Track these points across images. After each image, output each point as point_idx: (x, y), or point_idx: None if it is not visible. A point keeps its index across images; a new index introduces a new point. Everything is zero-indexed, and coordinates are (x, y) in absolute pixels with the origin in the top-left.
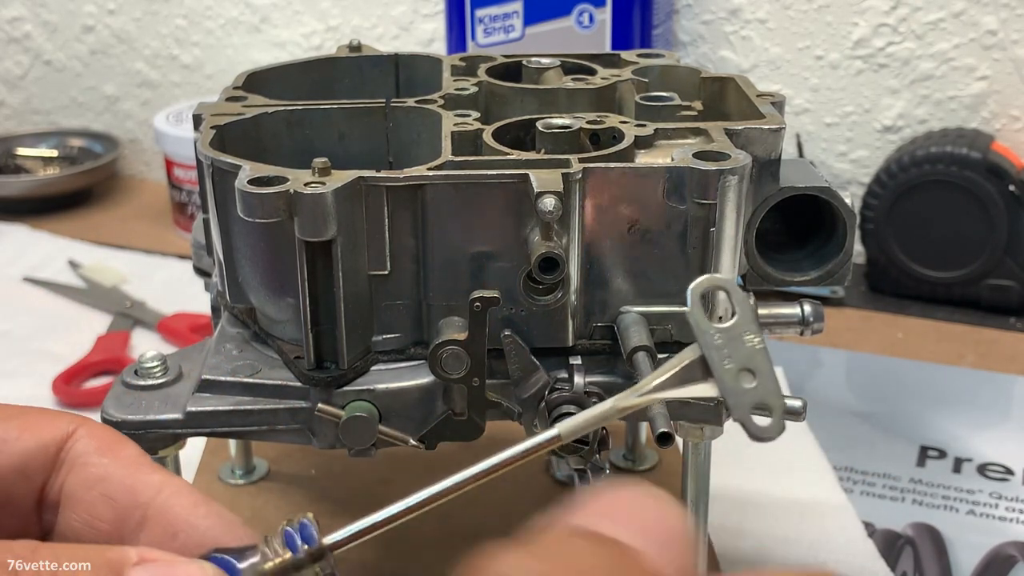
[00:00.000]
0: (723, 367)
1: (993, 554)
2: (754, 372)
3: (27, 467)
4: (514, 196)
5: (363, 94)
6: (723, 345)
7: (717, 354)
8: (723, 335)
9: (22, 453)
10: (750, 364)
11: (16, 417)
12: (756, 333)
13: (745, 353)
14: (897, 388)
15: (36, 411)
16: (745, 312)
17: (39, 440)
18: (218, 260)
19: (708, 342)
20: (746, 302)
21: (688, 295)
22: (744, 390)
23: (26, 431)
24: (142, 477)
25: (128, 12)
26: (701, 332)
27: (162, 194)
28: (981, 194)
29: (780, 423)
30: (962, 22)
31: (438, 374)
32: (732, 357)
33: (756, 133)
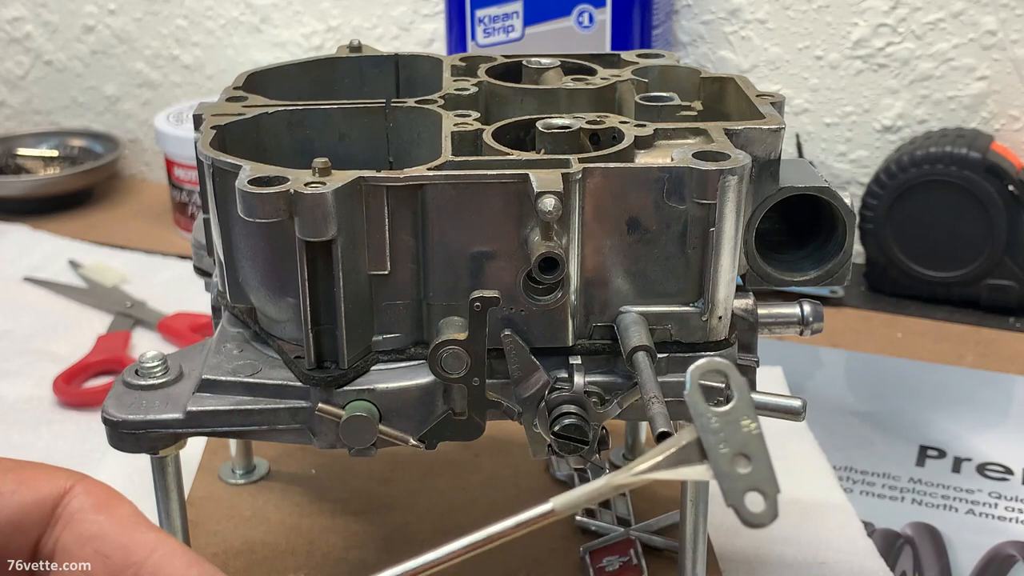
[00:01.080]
0: (718, 451)
1: (992, 554)
2: (749, 457)
3: (23, 521)
4: (514, 196)
5: (363, 94)
6: (719, 429)
7: (713, 438)
8: (720, 419)
9: (18, 507)
10: (746, 449)
11: (13, 471)
12: (753, 419)
13: (741, 438)
14: (897, 388)
15: (33, 466)
16: (743, 397)
17: (36, 495)
18: (218, 260)
19: (705, 425)
20: (744, 387)
21: (687, 378)
22: (738, 475)
23: (23, 485)
24: (137, 536)
25: (129, 12)
26: (698, 415)
27: (162, 194)
28: (980, 194)
29: (774, 509)
30: (962, 22)
31: (438, 374)
32: (728, 441)
33: (756, 133)
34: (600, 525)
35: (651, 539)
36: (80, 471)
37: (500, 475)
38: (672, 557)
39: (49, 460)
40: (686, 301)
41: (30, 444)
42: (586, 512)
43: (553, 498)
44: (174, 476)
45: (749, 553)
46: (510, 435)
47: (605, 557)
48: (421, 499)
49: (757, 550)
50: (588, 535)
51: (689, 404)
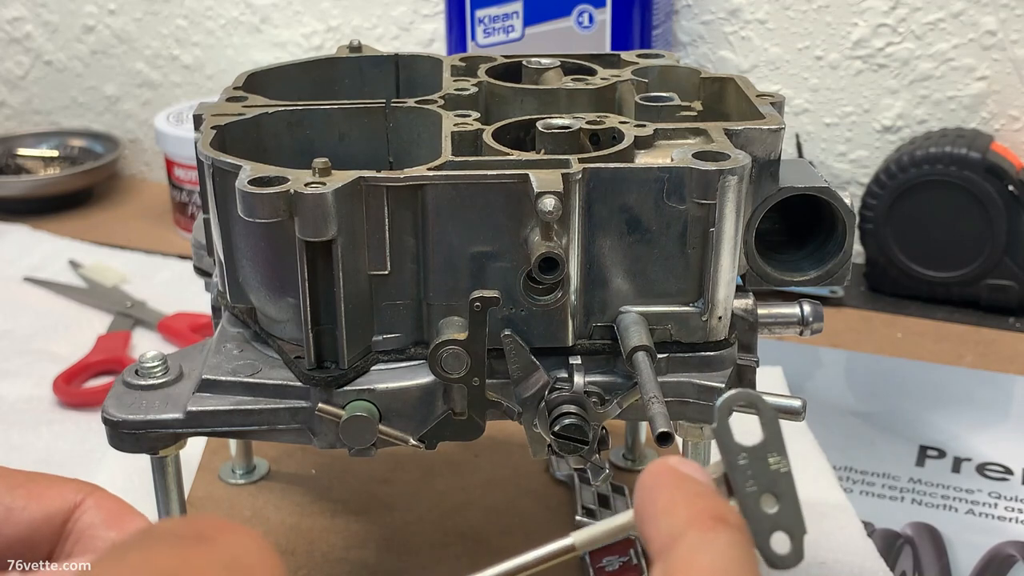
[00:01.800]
0: (745, 489)
1: (992, 553)
2: (777, 496)
3: (33, 537)
4: (514, 196)
5: (363, 94)
6: (747, 466)
7: (740, 475)
8: (748, 455)
9: (29, 523)
10: (774, 488)
11: (23, 485)
12: (782, 455)
13: (769, 476)
14: (896, 388)
15: (44, 478)
16: (772, 432)
17: (46, 510)
18: (219, 260)
19: (732, 461)
20: (774, 422)
21: (715, 410)
22: (765, 515)
23: (33, 500)
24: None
25: (129, 12)
26: (726, 451)
27: (163, 194)
28: (980, 194)
29: (799, 551)
30: (961, 22)
31: (438, 374)
32: (755, 479)
33: (756, 133)
34: None
35: None
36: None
37: (500, 475)
38: None
39: (49, 460)
40: (686, 301)
41: (30, 444)
42: (586, 512)
43: (574, 534)
44: (174, 476)
45: None
46: (510, 435)
47: (605, 557)
48: (421, 499)
49: None
50: None
51: (717, 439)
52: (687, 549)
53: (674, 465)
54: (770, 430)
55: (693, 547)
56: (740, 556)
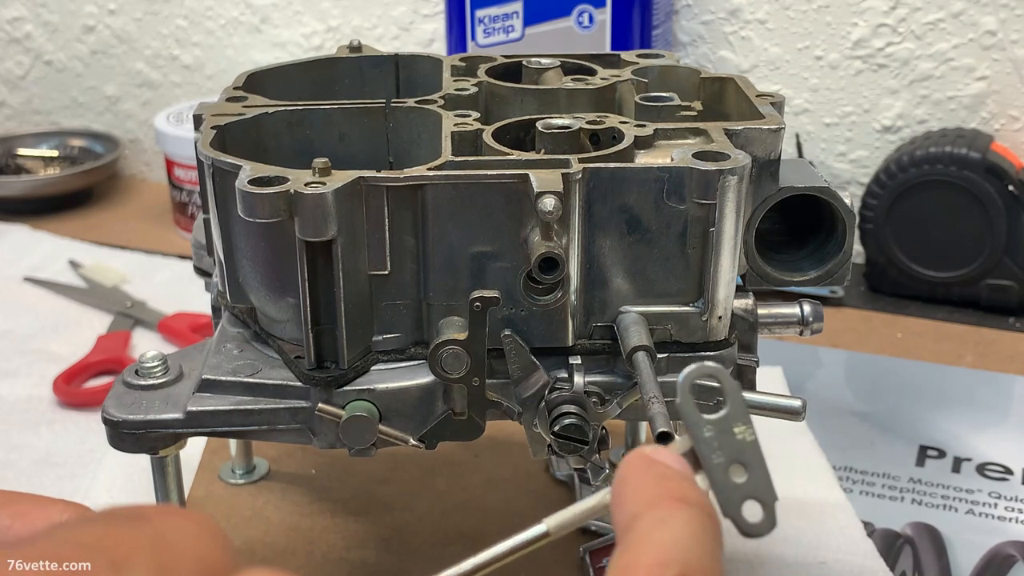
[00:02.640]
0: (713, 461)
1: (992, 554)
2: (745, 465)
3: None
4: (514, 196)
5: (363, 94)
6: (713, 438)
7: (707, 447)
8: (713, 428)
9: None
10: (741, 457)
11: (7, 504)
12: (747, 424)
13: (736, 446)
14: (897, 388)
15: (28, 498)
16: (736, 403)
17: (31, 529)
18: (219, 260)
19: (698, 434)
20: (737, 392)
21: (678, 386)
22: (734, 484)
23: (18, 519)
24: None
25: (129, 12)
26: (691, 424)
27: (163, 194)
28: (980, 194)
29: (772, 518)
30: (961, 22)
31: (438, 374)
32: (722, 450)
33: (756, 133)
34: (600, 525)
35: None
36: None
37: (500, 475)
38: None
39: (49, 460)
40: (686, 301)
41: (30, 444)
42: None
43: (546, 519)
44: (174, 476)
45: (749, 553)
46: (510, 435)
47: (605, 557)
48: (421, 499)
49: (757, 550)
50: (588, 535)
51: (681, 413)
52: (644, 528)
53: (647, 452)
54: (734, 401)
55: (650, 526)
56: (697, 533)
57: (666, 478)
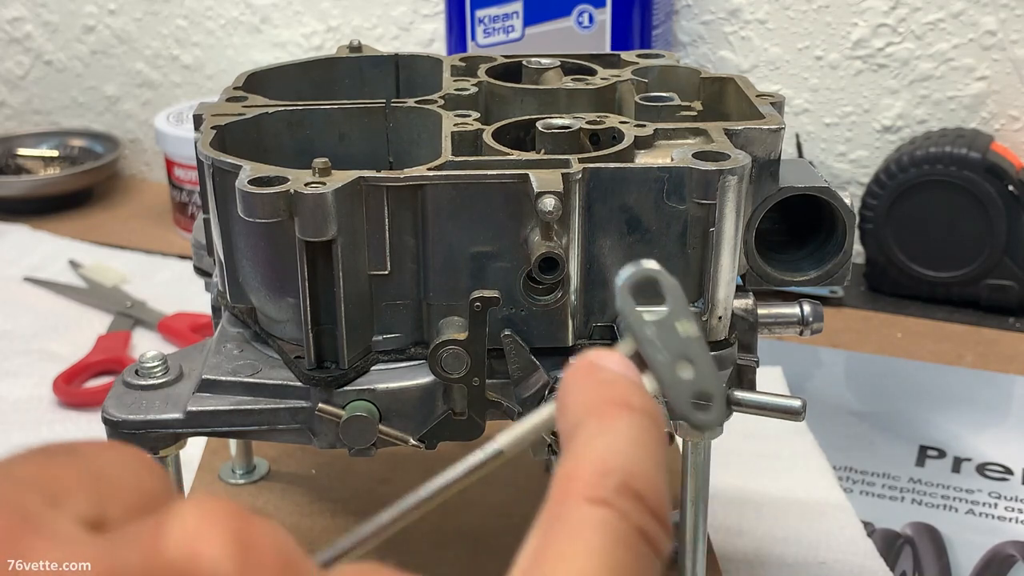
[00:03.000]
0: (658, 360)
1: (992, 553)
2: (691, 360)
3: None
4: (514, 196)
5: (363, 94)
6: (656, 337)
7: (651, 347)
8: (655, 326)
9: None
10: (686, 353)
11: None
12: (689, 319)
13: (680, 342)
14: (897, 388)
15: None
16: (676, 300)
17: None
18: (218, 260)
19: (640, 335)
20: (677, 289)
21: (616, 289)
22: (682, 381)
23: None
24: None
25: (129, 12)
26: (632, 326)
27: (163, 194)
28: (980, 194)
29: (721, 410)
30: (961, 22)
31: (438, 374)
32: (666, 347)
33: (756, 133)
34: None
35: None
36: None
37: (500, 475)
38: (672, 557)
39: None
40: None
41: (30, 444)
42: None
43: (499, 436)
44: (174, 476)
45: (749, 553)
46: None
47: None
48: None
49: (757, 550)
50: None
51: (621, 315)
52: (585, 436)
53: (590, 357)
54: (674, 298)
55: (591, 433)
56: (639, 439)
57: (609, 383)
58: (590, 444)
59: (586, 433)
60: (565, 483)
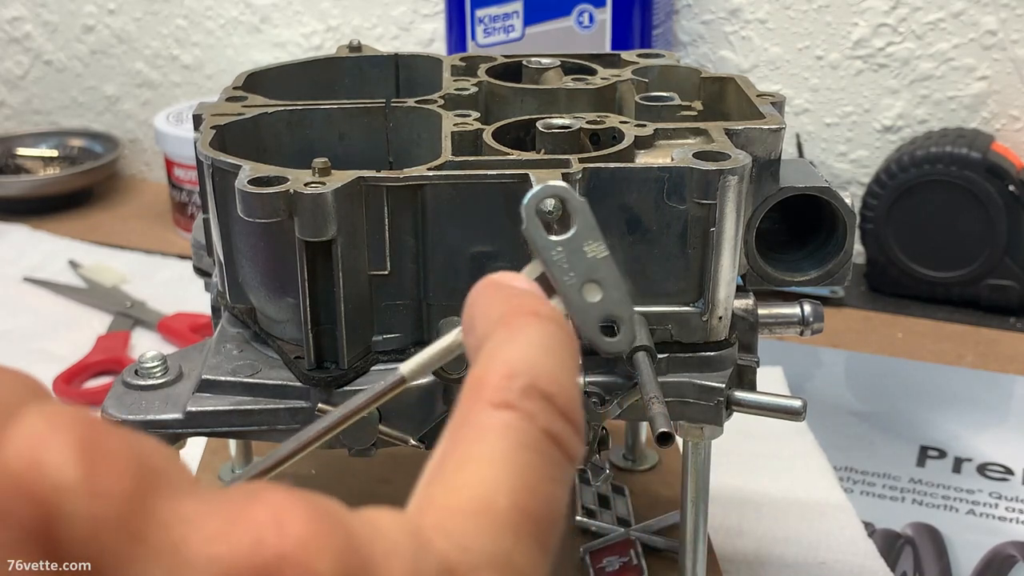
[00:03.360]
0: (565, 282)
1: (993, 554)
2: (599, 283)
3: None
4: (514, 196)
5: (363, 94)
6: (563, 259)
7: (558, 269)
8: (563, 248)
9: None
10: (594, 275)
11: None
12: (597, 240)
13: (587, 264)
14: (897, 388)
15: None
16: (584, 220)
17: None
18: (218, 260)
19: (548, 257)
20: (585, 209)
21: (522, 208)
22: (589, 304)
23: None
24: None
25: (128, 12)
26: (539, 247)
27: (162, 194)
28: (981, 194)
29: (629, 334)
30: (962, 22)
31: (438, 374)
32: (574, 270)
33: (756, 133)
34: (600, 525)
35: (651, 539)
36: None
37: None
38: (672, 557)
39: None
40: (686, 301)
41: None
42: (586, 512)
43: (401, 365)
44: None
45: (749, 553)
46: None
47: (605, 557)
48: None
49: (757, 550)
50: (588, 535)
51: (527, 237)
52: (491, 345)
53: (494, 277)
54: (583, 219)
55: (497, 343)
56: (547, 343)
57: (515, 296)
58: (497, 351)
59: (493, 342)
60: (472, 390)
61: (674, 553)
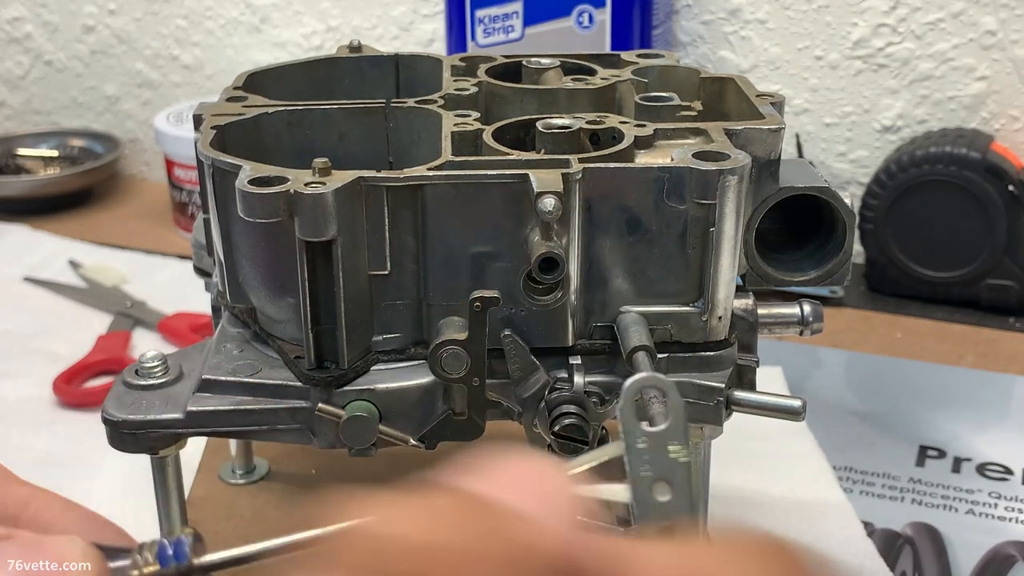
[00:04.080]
0: (639, 473)
1: (992, 554)
2: (671, 485)
3: None
4: (514, 196)
5: (363, 94)
6: (646, 450)
7: (637, 458)
8: (649, 440)
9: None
10: (669, 476)
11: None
12: (683, 444)
13: (666, 464)
14: (897, 388)
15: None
16: (677, 420)
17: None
18: (218, 260)
19: (631, 443)
20: (681, 410)
21: (623, 390)
22: (655, 502)
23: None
24: (11, 491)
25: (128, 12)
26: (627, 432)
27: (162, 194)
28: (980, 194)
29: None
30: (961, 22)
31: (438, 374)
32: (652, 464)
33: (756, 133)
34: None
35: None
36: (90, 481)
37: None
38: None
39: (49, 460)
40: (686, 301)
41: (30, 444)
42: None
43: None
44: (174, 476)
45: None
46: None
47: None
48: None
49: None
50: None
51: (620, 419)
52: None
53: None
54: (676, 418)
55: None
56: None
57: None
58: None
59: None
60: None
61: None
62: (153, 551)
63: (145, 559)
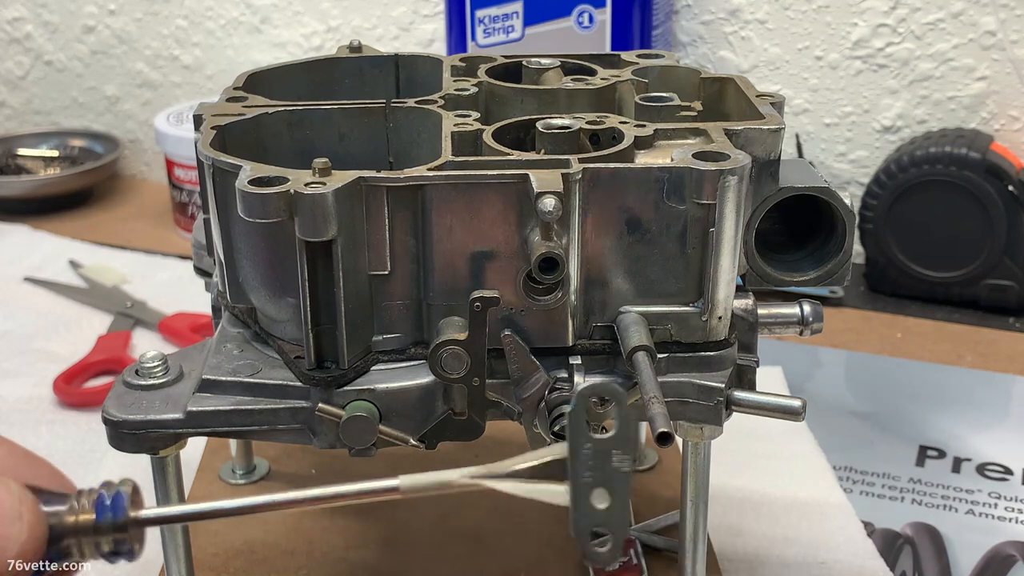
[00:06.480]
0: (581, 477)
1: (992, 554)
2: (611, 492)
3: None
4: (514, 196)
5: (363, 94)
6: (590, 456)
7: (580, 463)
8: (594, 446)
9: None
10: (608, 484)
11: None
12: (627, 454)
13: (608, 472)
14: (896, 388)
15: None
16: (624, 429)
17: None
18: (219, 260)
19: (577, 447)
20: (629, 421)
21: (575, 393)
22: (593, 508)
23: None
24: None
25: (129, 12)
26: (573, 436)
27: (163, 194)
28: (980, 194)
29: (616, 553)
30: (961, 22)
31: (438, 374)
32: (594, 471)
33: (755, 133)
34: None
35: (651, 539)
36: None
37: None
38: (672, 557)
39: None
40: (686, 301)
41: (30, 444)
42: None
43: (401, 476)
44: (174, 476)
45: (749, 553)
46: (510, 435)
47: None
48: (421, 500)
49: (757, 550)
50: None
51: (568, 423)
52: None
53: None
54: (624, 427)
55: None
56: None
57: None
58: None
59: None
60: None
61: (674, 553)
62: (91, 499)
63: (82, 506)
